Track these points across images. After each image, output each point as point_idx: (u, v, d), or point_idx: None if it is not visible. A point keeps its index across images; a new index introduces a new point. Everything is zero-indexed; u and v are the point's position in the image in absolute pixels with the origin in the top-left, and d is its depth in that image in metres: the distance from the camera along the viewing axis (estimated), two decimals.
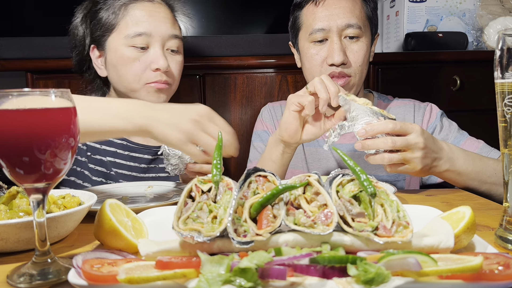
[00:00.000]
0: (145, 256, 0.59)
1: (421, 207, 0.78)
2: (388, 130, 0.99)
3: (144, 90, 1.29)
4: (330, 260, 0.51)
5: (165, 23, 1.29)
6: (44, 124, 0.58)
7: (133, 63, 1.27)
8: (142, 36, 1.26)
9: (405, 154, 1.02)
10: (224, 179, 0.64)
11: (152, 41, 1.27)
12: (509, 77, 0.69)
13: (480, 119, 1.70)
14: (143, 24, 1.26)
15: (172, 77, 1.33)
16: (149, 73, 1.27)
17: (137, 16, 1.27)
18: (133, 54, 1.26)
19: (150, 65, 1.27)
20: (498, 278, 0.49)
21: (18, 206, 0.77)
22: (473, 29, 1.99)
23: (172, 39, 1.30)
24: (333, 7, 1.33)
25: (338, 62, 1.30)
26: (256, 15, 2.38)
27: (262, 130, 1.56)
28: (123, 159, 1.40)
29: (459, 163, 1.09)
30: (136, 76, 1.27)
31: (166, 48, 1.30)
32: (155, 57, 1.26)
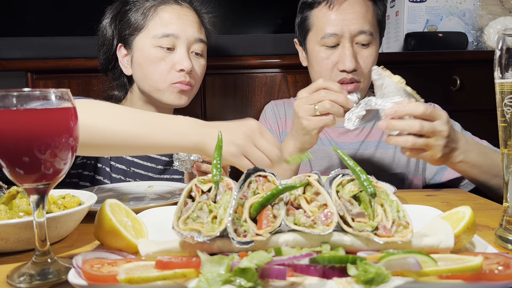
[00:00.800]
0: (145, 256, 0.59)
1: (421, 207, 0.78)
2: (419, 113, 0.98)
3: (169, 90, 1.32)
4: (330, 260, 0.51)
5: (192, 26, 1.33)
6: (44, 124, 0.58)
7: (159, 63, 1.30)
8: (169, 37, 1.29)
9: (429, 140, 1.01)
10: (224, 179, 0.64)
11: (178, 42, 1.30)
12: (509, 77, 0.69)
13: (480, 119, 1.69)
14: (171, 26, 1.30)
15: (195, 79, 1.36)
16: (174, 74, 1.30)
17: (166, 18, 1.30)
18: (159, 54, 1.29)
19: (174, 66, 1.30)
20: (498, 278, 0.49)
21: (18, 206, 0.77)
22: (473, 29, 1.99)
23: (197, 42, 1.34)
24: (347, 11, 1.31)
25: (350, 68, 1.30)
26: (256, 15, 2.38)
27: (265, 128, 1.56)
28: (141, 158, 1.41)
29: (473, 155, 1.09)
30: (161, 75, 1.30)
31: (191, 51, 1.34)
32: (180, 58, 1.30)
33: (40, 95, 0.58)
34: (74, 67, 1.73)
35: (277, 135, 1.54)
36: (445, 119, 1.01)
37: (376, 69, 1.05)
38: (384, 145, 1.45)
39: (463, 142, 1.08)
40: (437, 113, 1.01)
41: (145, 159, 1.42)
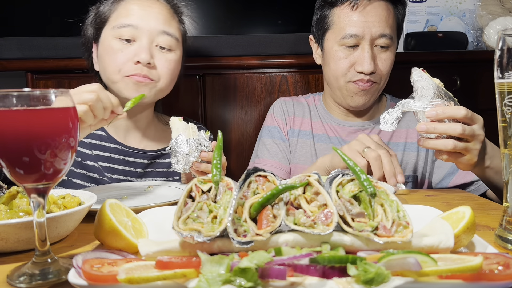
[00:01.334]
0: (145, 256, 0.59)
1: (421, 207, 0.78)
2: (461, 116, 0.97)
3: (123, 82, 1.26)
4: (330, 260, 0.51)
5: (156, 18, 1.27)
6: (44, 124, 0.58)
7: (116, 54, 1.25)
8: (128, 27, 1.24)
9: (468, 144, 0.99)
10: (224, 179, 0.64)
11: (139, 34, 1.25)
12: (509, 77, 0.69)
13: None
14: (131, 17, 1.26)
15: (158, 74, 1.29)
16: (130, 66, 1.25)
17: (128, 9, 1.27)
18: (118, 46, 1.25)
19: (133, 58, 1.25)
20: (498, 278, 0.49)
21: (18, 206, 0.77)
22: (473, 29, 1.99)
23: (162, 35, 1.28)
24: (369, 14, 1.30)
25: (368, 71, 1.30)
26: (256, 15, 2.38)
27: (272, 126, 1.55)
28: (118, 163, 1.37)
29: (497, 161, 1.08)
30: (116, 67, 1.25)
31: (156, 44, 1.28)
32: (138, 50, 1.24)
33: (40, 95, 0.58)
34: (74, 67, 1.73)
35: (284, 132, 1.54)
36: (481, 123, 1.00)
37: (417, 71, 1.03)
38: (394, 148, 1.44)
39: (490, 148, 1.07)
40: (476, 117, 1.00)
41: (122, 163, 1.38)
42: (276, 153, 1.50)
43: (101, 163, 1.36)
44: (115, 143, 1.38)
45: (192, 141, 1.07)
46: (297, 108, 1.57)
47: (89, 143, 1.37)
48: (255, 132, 1.86)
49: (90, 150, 1.36)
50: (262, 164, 1.49)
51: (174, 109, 1.76)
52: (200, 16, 2.31)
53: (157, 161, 1.43)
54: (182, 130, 1.09)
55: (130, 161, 1.39)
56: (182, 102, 1.83)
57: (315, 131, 1.52)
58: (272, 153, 1.50)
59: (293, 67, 1.84)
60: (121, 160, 1.38)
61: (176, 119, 1.11)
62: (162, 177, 1.42)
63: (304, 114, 1.55)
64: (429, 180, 1.44)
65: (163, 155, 1.44)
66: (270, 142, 1.52)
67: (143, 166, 1.40)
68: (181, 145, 1.07)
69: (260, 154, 1.53)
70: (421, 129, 1.00)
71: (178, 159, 1.09)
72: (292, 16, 2.35)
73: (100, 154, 1.37)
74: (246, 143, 1.87)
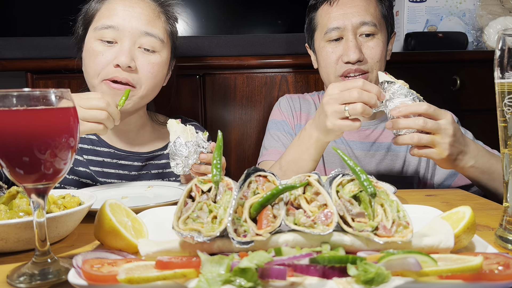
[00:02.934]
0: (145, 256, 0.59)
1: (421, 207, 0.78)
2: (422, 111, 1.01)
3: (100, 87, 1.21)
4: (330, 260, 0.51)
5: (139, 19, 1.22)
6: (44, 124, 0.58)
7: (97, 57, 1.20)
8: (109, 29, 1.19)
9: (434, 137, 1.02)
10: (224, 179, 0.64)
11: (120, 36, 1.20)
12: (509, 77, 0.69)
13: (480, 119, 1.70)
14: (113, 18, 1.20)
15: (139, 78, 1.23)
16: (110, 69, 1.19)
17: (110, 9, 1.22)
18: (99, 48, 1.20)
19: (113, 61, 1.19)
20: (498, 278, 0.49)
21: (18, 206, 0.77)
22: (473, 29, 1.99)
23: (145, 36, 1.22)
24: (347, 6, 1.34)
25: (353, 59, 1.31)
26: (256, 15, 2.38)
27: (281, 120, 1.55)
28: (111, 167, 1.34)
29: (483, 160, 1.10)
30: (96, 70, 1.20)
31: (138, 46, 1.22)
32: (118, 52, 1.19)
33: (40, 95, 0.58)
34: (74, 67, 1.73)
35: (291, 126, 1.54)
36: (449, 118, 1.03)
37: (382, 74, 1.08)
38: (395, 148, 1.45)
39: (473, 147, 1.09)
40: (441, 112, 1.03)
41: (115, 167, 1.34)
42: (285, 144, 1.50)
43: (93, 168, 1.33)
44: (107, 146, 1.35)
45: (190, 143, 1.07)
46: (303, 104, 1.58)
47: (80, 148, 1.34)
48: (255, 132, 1.86)
49: (81, 156, 1.33)
50: (271, 154, 1.47)
51: (174, 109, 1.76)
52: (200, 16, 2.31)
53: (151, 163, 1.40)
54: (180, 133, 1.09)
55: (123, 164, 1.35)
56: (182, 102, 1.83)
57: None
58: (280, 143, 1.50)
59: (293, 67, 1.84)
60: (114, 163, 1.35)
61: (174, 121, 1.11)
62: (158, 178, 1.40)
63: (310, 111, 1.56)
64: (431, 182, 1.44)
65: (157, 156, 1.41)
66: (278, 134, 1.52)
67: (137, 168, 1.37)
68: (180, 148, 1.07)
69: (268, 145, 1.52)
70: (388, 126, 1.05)
71: (177, 162, 1.09)
72: (292, 16, 2.36)
73: (92, 159, 1.34)
74: (246, 143, 1.87)
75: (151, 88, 1.27)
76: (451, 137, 1.02)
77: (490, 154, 1.12)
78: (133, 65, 1.20)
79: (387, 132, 1.46)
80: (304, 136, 1.19)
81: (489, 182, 1.13)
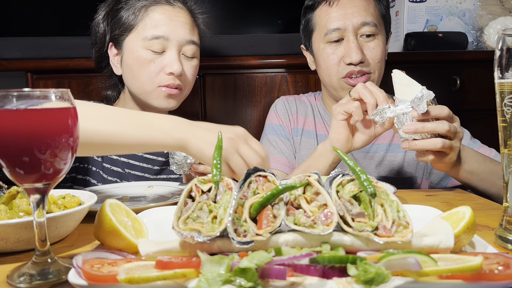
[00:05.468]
0: (145, 256, 0.59)
1: (421, 207, 0.78)
2: (444, 114, 1.00)
3: (156, 92, 1.30)
4: (330, 260, 0.51)
5: (183, 28, 1.29)
6: (44, 124, 0.58)
7: (148, 65, 1.27)
8: (159, 39, 1.26)
9: (452, 142, 1.01)
10: (224, 179, 0.64)
11: (168, 45, 1.27)
12: (509, 77, 0.69)
13: (480, 119, 1.70)
14: (161, 28, 1.26)
15: (185, 81, 1.33)
16: (163, 76, 1.28)
17: (156, 19, 1.27)
18: (149, 56, 1.27)
19: (164, 68, 1.27)
20: (498, 278, 0.49)
21: (18, 206, 0.77)
22: (473, 29, 1.99)
23: (189, 44, 1.30)
24: (347, 6, 1.33)
25: (356, 61, 1.30)
26: (256, 15, 2.38)
27: (277, 124, 1.54)
28: (137, 160, 1.40)
29: (470, 162, 1.10)
30: (150, 78, 1.28)
31: (182, 53, 1.31)
32: (170, 61, 1.27)
33: (40, 95, 0.58)
34: (74, 67, 1.73)
35: (288, 130, 1.53)
36: (459, 121, 1.03)
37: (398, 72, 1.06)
38: (394, 148, 1.44)
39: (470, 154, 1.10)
40: (455, 115, 1.03)
41: (140, 160, 1.40)
42: (284, 150, 1.49)
43: (122, 158, 1.39)
44: None
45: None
46: (300, 106, 1.57)
47: None
48: (255, 132, 1.86)
49: None
50: (271, 161, 1.46)
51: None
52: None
53: None
54: None
55: (149, 158, 1.41)
56: (182, 102, 1.83)
57: (319, 131, 1.51)
58: (279, 150, 1.49)
59: (293, 67, 1.84)
60: (140, 156, 1.41)
61: None
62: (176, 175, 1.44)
63: (307, 113, 1.55)
64: (428, 181, 1.44)
65: None
66: (276, 139, 1.51)
67: (160, 164, 1.42)
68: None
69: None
70: (409, 129, 0.99)
71: (176, 162, 1.10)
72: (292, 16, 2.35)
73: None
74: None
75: (190, 89, 1.39)
76: (460, 141, 1.03)
77: (478, 155, 1.12)
78: (183, 72, 1.30)
79: (385, 133, 1.46)
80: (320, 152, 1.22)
81: (478, 183, 1.13)
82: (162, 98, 1.30)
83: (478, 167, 1.10)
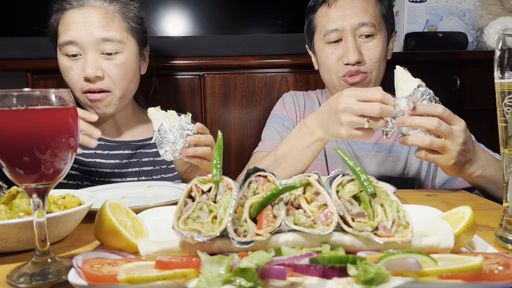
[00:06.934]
0: (145, 256, 0.59)
1: (421, 207, 0.78)
2: (437, 113, 0.99)
3: (83, 99, 1.29)
4: (330, 260, 0.51)
5: (93, 27, 1.24)
6: (44, 124, 0.58)
7: (69, 72, 1.26)
8: (70, 45, 1.24)
9: (446, 142, 1.00)
10: (224, 179, 0.64)
11: (82, 48, 1.24)
12: (509, 77, 0.69)
13: (480, 119, 1.69)
14: (70, 32, 1.24)
15: (111, 83, 1.27)
16: (82, 82, 1.26)
17: (66, 24, 1.25)
18: (68, 63, 1.26)
19: (82, 73, 1.25)
20: (498, 278, 0.49)
21: (18, 206, 0.77)
22: (473, 29, 1.99)
23: (104, 42, 1.25)
24: (346, 7, 1.34)
25: (353, 61, 1.32)
26: (256, 15, 2.38)
27: (282, 114, 1.55)
28: (103, 158, 1.39)
29: (491, 170, 1.08)
30: (73, 85, 1.27)
31: (101, 52, 1.26)
32: (84, 65, 1.24)
33: (40, 95, 0.58)
34: None
35: (292, 123, 1.53)
36: (462, 126, 1.02)
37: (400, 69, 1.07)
38: (397, 149, 1.44)
39: (482, 157, 1.08)
40: (455, 118, 1.02)
41: (107, 157, 1.39)
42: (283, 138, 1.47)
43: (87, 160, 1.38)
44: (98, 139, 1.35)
45: (175, 128, 1.06)
46: (308, 102, 1.58)
47: None
48: (255, 132, 1.86)
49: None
50: (267, 146, 1.46)
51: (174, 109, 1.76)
52: (200, 16, 2.31)
53: (142, 151, 1.44)
54: (162, 120, 1.07)
55: (114, 154, 1.40)
56: (182, 102, 1.83)
57: None
58: (279, 137, 1.49)
59: (293, 67, 1.84)
60: (106, 154, 1.40)
61: (153, 109, 1.09)
62: (149, 166, 1.43)
63: (314, 109, 1.56)
64: (432, 183, 1.44)
65: (147, 145, 1.45)
66: (278, 128, 1.51)
67: (127, 156, 1.41)
68: (165, 135, 1.06)
69: (265, 137, 1.52)
70: (398, 122, 1.01)
71: (165, 149, 1.07)
72: (292, 16, 2.36)
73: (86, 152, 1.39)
74: (246, 143, 1.87)
75: (125, 87, 1.31)
76: (461, 145, 1.01)
77: (498, 163, 1.11)
78: (100, 74, 1.25)
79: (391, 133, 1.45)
80: (306, 133, 1.16)
81: (496, 191, 1.12)
82: (90, 104, 1.29)
83: (498, 176, 1.09)
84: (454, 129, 1.00)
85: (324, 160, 1.48)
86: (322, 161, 1.48)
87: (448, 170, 1.07)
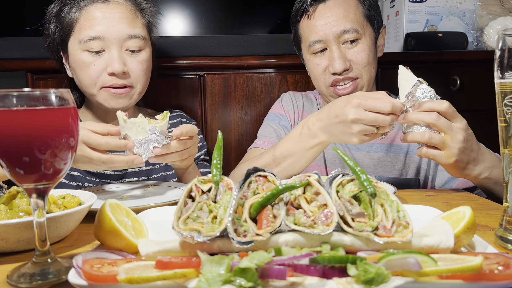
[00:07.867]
0: (145, 256, 0.59)
1: (421, 207, 0.78)
2: (442, 108, 0.99)
3: (101, 95, 1.27)
4: (330, 260, 0.51)
5: (120, 23, 1.24)
6: (44, 124, 0.58)
7: (88, 67, 1.24)
8: (95, 40, 1.22)
9: (445, 138, 1.01)
10: (224, 179, 0.64)
11: (107, 44, 1.23)
12: (509, 77, 0.69)
13: (480, 119, 1.69)
14: (95, 28, 1.22)
15: (134, 78, 1.28)
16: (105, 77, 1.24)
17: (90, 19, 1.23)
18: (88, 59, 1.24)
19: (106, 69, 1.24)
20: (498, 278, 0.49)
21: (18, 206, 0.77)
22: (473, 29, 1.99)
23: (130, 39, 1.25)
24: (325, 16, 1.33)
25: (339, 70, 1.31)
26: (256, 15, 2.38)
27: (280, 114, 1.55)
28: None
29: (498, 171, 1.08)
30: (91, 80, 1.25)
31: (125, 49, 1.26)
32: (109, 60, 1.23)
33: (40, 95, 0.58)
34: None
35: (290, 123, 1.53)
36: (463, 124, 1.02)
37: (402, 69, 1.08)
38: (395, 149, 1.44)
39: (488, 158, 1.08)
40: (458, 116, 1.02)
41: None
42: (280, 136, 1.48)
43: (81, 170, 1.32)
44: None
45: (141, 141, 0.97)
46: (306, 103, 1.58)
47: None
48: (255, 132, 1.86)
49: None
50: (263, 143, 1.46)
51: (173, 108, 1.76)
52: (200, 16, 2.31)
53: None
54: (127, 130, 0.98)
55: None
56: (182, 102, 1.83)
57: None
58: (275, 135, 1.49)
59: (293, 67, 1.84)
60: None
61: (121, 114, 0.99)
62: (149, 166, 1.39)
63: (312, 110, 1.56)
64: (432, 184, 1.43)
65: None
66: (274, 126, 1.52)
67: None
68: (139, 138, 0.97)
69: (261, 134, 1.52)
70: (399, 119, 1.03)
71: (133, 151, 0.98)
72: None
73: None
74: (246, 143, 1.87)
75: (145, 83, 1.34)
76: (461, 142, 1.01)
77: None
78: (126, 70, 1.25)
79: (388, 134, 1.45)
80: (308, 135, 1.16)
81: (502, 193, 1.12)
82: (109, 99, 1.27)
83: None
84: (454, 126, 1.00)
85: (323, 161, 1.48)
86: (321, 162, 1.48)
87: (451, 170, 1.07)
